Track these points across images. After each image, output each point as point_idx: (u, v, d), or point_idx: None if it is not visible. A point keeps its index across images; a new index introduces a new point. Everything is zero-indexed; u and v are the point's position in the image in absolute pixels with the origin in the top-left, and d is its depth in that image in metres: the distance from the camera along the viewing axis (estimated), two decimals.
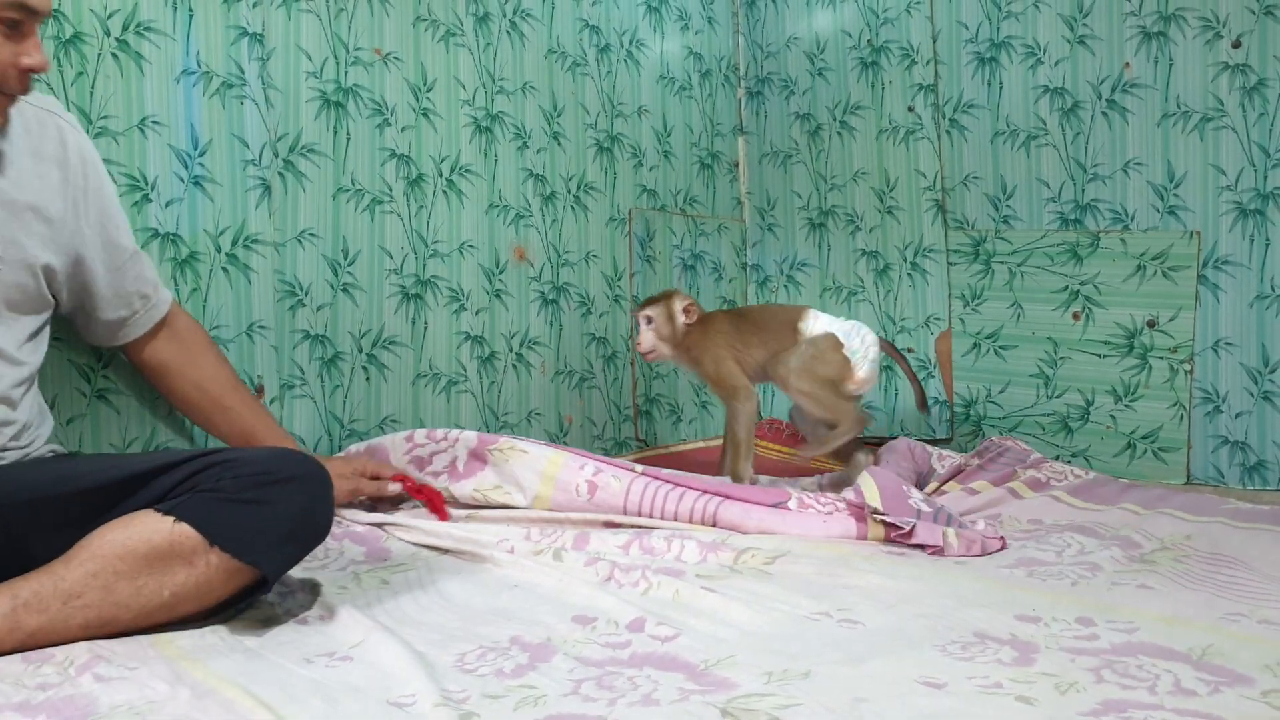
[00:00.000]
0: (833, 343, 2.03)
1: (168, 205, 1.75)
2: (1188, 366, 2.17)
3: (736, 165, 2.96)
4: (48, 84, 1.60)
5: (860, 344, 2.04)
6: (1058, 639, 1.16)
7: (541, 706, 1.02)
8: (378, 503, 1.79)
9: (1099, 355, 2.29)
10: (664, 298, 2.16)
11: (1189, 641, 1.14)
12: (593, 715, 0.99)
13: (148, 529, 1.20)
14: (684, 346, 2.14)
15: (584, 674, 1.10)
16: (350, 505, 1.76)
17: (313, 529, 1.30)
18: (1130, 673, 1.05)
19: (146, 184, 1.72)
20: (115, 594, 1.19)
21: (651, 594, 1.37)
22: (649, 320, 2.14)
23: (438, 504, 1.76)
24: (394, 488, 1.78)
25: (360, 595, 1.37)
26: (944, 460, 2.14)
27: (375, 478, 1.78)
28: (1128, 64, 2.22)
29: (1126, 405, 2.26)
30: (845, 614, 1.27)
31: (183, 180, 1.77)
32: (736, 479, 2.02)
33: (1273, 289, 2.06)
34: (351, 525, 1.71)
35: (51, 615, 1.16)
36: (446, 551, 1.59)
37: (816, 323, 2.08)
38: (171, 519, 1.21)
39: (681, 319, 2.13)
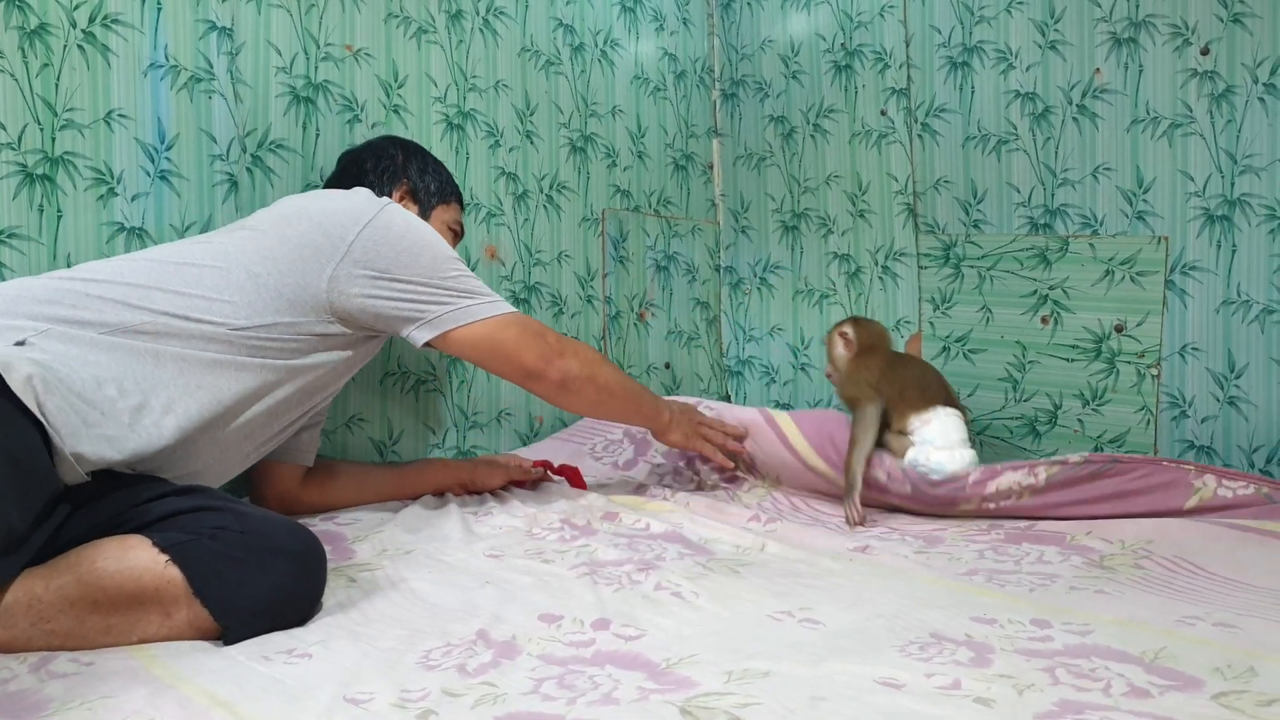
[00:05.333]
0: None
1: (134, 199, 1.74)
2: (1155, 371, 2.19)
3: (711, 167, 2.96)
4: (11, 75, 1.59)
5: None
6: (1012, 640, 1.17)
7: (501, 705, 1.01)
8: (521, 485, 2.04)
9: (1067, 359, 2.30)
10: (834, 327, 2.10)
11: (1142, 644, 1.14)
12: (551, 714, 0.99)
13: (140, 564, 1.19)
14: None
15: (546, 672, 1.10)
16: (506, 488, 2.02)
17: (293, 607, 1.27)
18: (1084, 674, 1.06)
19: (112, 178, 1.71)
20: (85, 626, 1.17)
21: (622, 593, 1.37)
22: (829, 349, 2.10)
23: (577, 479, 2.04)
24: (536, 471, 2.07)
25: (327, 594, 1.36)
26: None
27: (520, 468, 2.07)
28: (1098, 70, 2.23)
29: (1094, 409, 2.27)
30: (807, 613, 1.28)
31: (149, 174, 1.76)
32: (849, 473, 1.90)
33: (1239, 295, 2.08)
34: (319, 525, 1.71)
35: (17, 633, 1.15)
36: (411, 551, 1.59)
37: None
38: (165, 558, 1.20)
39: (840, 348, 2.07)
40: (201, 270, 1.48)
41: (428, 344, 1.63)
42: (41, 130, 1.64)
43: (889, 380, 1.97)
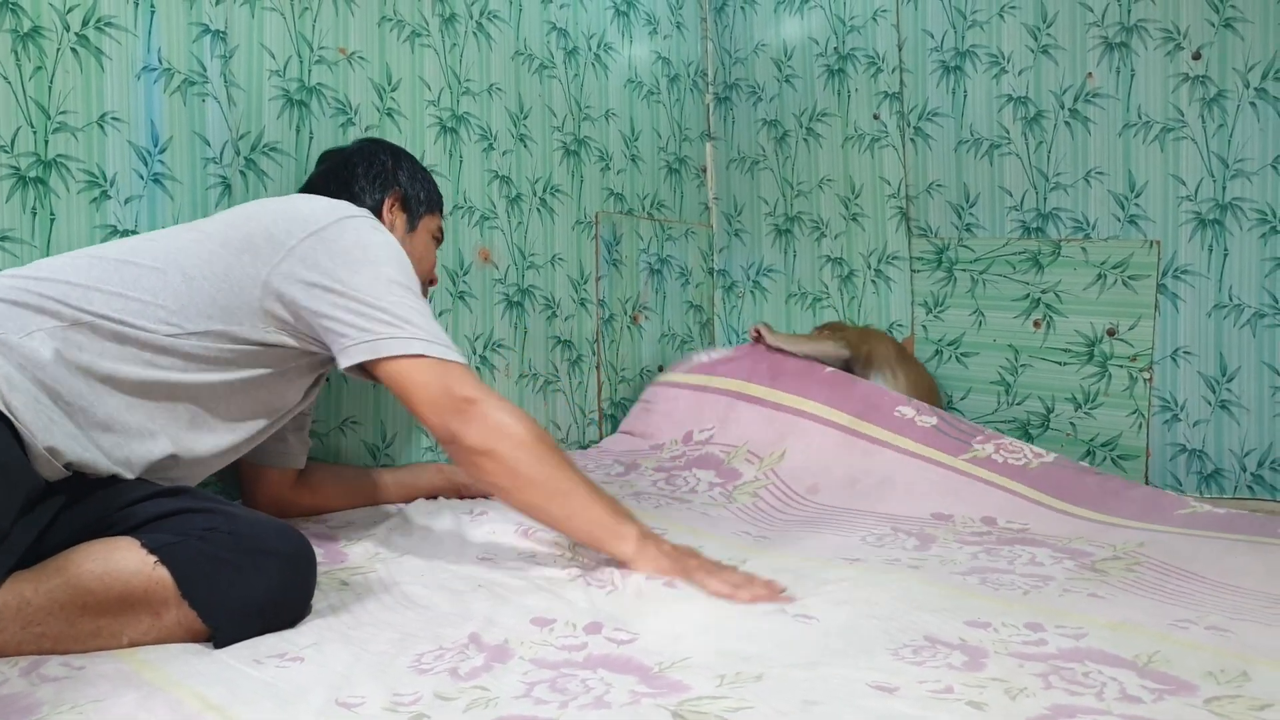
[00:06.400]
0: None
1: (127, 202, 1.73)
2: (1147, 375, 2.19)
3: (704, 170, 2.96)
4: (4, 78, 1.59)
5: None
6: (1006, 644, 1.17)
7: (493, 709, 1.01)
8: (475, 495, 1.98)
9: (1059, 363, 2.31)
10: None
11: (1136, 648, 1.15)
12: (543, 718, 0.99)
13: (129, 567, 1.19)
14: None
15: (538, 676, 1.10)
16: (459, 495, 1.98)
17: (283, 609, 1.27)
18: (1077, 679, 1.06)
19: (105, 181, 1.71)
20: (75, 628, 1.17)
21: (614, 596, 1.37)
22: None
23: None
24: None
25: (319, 597, 1.36)
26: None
27: None
28: (1090, 74, 2.24)
29: (1086, 413, 2.28)
30: (800, 610, 1.28)
31: (142, 177, 1.75)
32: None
33: (1230, 299, 2.08)
34: (312, 528, 1.71)
35: (7, 637, 1.14)
36: (404, 555, 1.59)
37: None
38: (154, 559, 1.19)
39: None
40: (141, 270, 1.41)
41: (350, 371, 1.46)
42: (34, 133, 1.63)
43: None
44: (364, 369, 1.46)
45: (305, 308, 1.45)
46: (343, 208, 1.55)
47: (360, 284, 1.45)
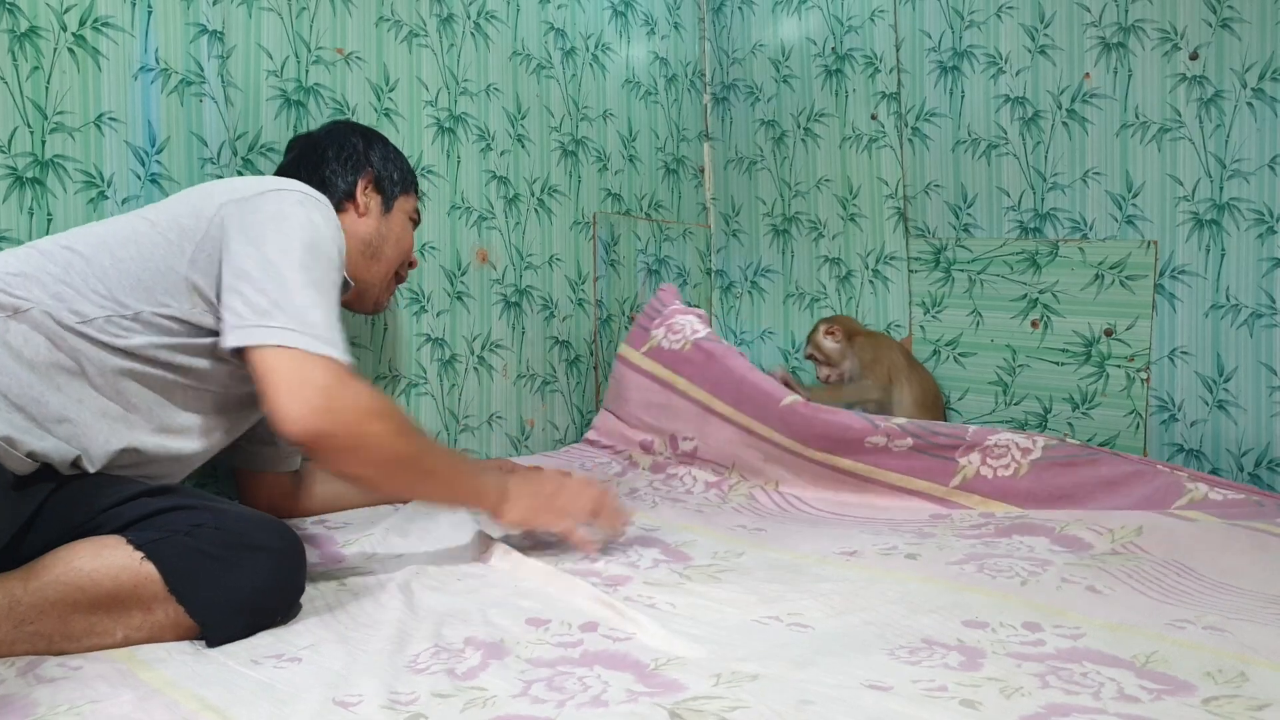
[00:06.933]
0: None
1: (124, 203, 1.73)
2: (1144, 375, 2.19)
3: (702, 171, 2.96)
4: (1, 78, 1.59)
5: None
6: (1004, 644, 1.17)
7: (490, 708, 1.02)
8: None
9: (1057, 363, 2.31)
10: (811, 333, 2.47)
11: (1134, 649, 1.15)
12: (541, 717, 0.99)
13: (116, 563, 1.19)
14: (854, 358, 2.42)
15: (535, 675, 1.10)
16: None
17: (273, 604, 1.27)
18: (1075, 679, 1.06)
19: (103, 181, 1.71)
20: (69, 626, 1.17)
21: (608, 596, 1.37)
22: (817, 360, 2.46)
23: None
24: None
25: (316, 597, 1.37)
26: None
27: None
28: (1087, 74, 2.24)
29: (1084, 413, 2.28)
30: (795, 619, 1.27)
31: (140, 178, 1.75)
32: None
33: (1228, 299, 2.08)
34: (310, 528, 1.72)
35: (0, 636, 1.14)
36: (401, 555, 1.59)
37: None
38: (141, 555, 1.19)
39: (828, 341, 2.43)
40: (74, 256, 1.36)
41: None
42: (31, 133, 1.63)
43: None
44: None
45: (213, 277, 1.39)
46: (279, 181, 1.48)
47: (257, 257, 1.36)
